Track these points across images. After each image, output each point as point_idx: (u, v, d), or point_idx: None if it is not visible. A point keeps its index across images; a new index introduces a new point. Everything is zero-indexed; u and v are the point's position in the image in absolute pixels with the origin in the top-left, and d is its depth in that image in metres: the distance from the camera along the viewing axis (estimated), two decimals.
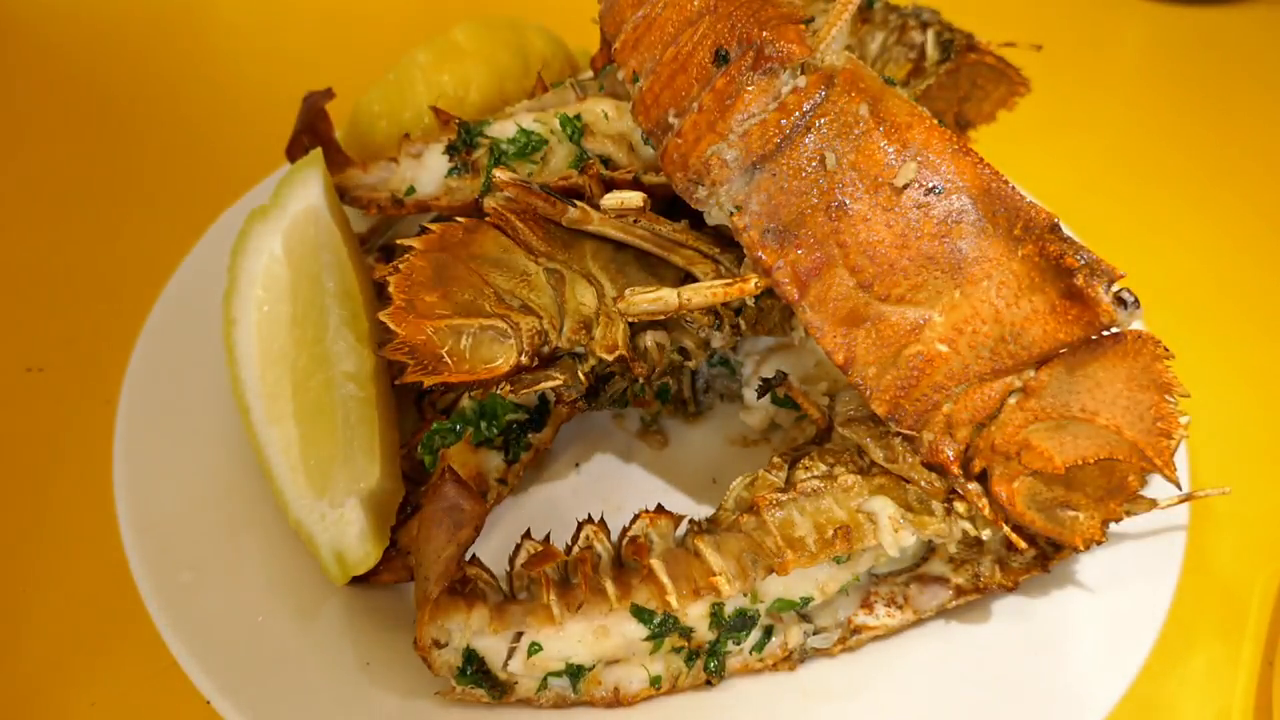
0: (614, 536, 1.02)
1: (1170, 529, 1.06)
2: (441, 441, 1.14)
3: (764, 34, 0.92)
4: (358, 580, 1.04)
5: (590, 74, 1.25)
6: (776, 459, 1.02)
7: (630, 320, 0.99)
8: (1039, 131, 1.72)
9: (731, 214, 0.95)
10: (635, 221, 1.01)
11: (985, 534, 0.96)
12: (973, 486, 0.94)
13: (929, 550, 1.05)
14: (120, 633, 1.13)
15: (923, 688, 1.00)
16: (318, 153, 1.18)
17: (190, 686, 0.94)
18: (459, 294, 0.93)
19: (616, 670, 0.99)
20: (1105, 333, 0.86)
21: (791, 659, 1.02)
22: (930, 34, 1.27)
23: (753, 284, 0.95)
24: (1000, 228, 0.88)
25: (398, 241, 1.02)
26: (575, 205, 0.98)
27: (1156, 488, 0.99)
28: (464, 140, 1.17)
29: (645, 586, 0.97)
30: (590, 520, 1.02)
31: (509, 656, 0.96)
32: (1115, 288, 0.84)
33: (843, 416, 1.03)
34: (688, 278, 1.03)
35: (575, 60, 1.49)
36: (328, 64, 2.05)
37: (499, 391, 0.94)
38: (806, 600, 1.01)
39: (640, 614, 0.96)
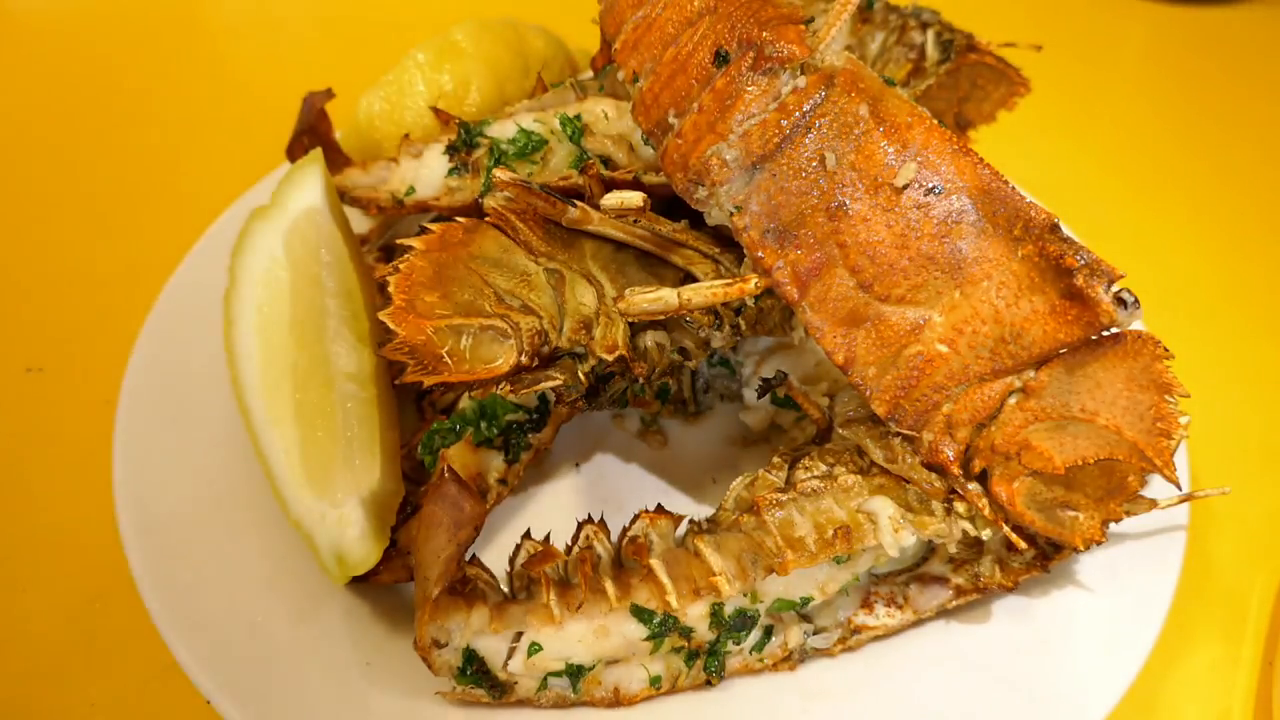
0: (614, 536, 1.02)
1: (1170, 529, 1.06)
2: (441, 441, 1.14)
3: (764, 34, 0.92)
4: (358, 580, 1.04)
5: (590, 74, 1.25)
6: (776, 459, 1.02)
7: (630, 320, 0.99)
8: (1039, 131, 1.72)
9: (731, 214, 0.95)
10: (635, 221, 1.01)
11: (985, 534, 0.96)
12: (973, 486, 0.94)
13: (929, 550, 1.05)
14: (120, 633, 1.13)
15: (923, 688, 1.00)
16: (318, 153, 1.18)
17: (190, 686, 0.94)
18: (459, 294, 0.93)
19: (616, 670, 0.99)
20: (1105, 333, 0.86)
21: (791, 659, 1.02)
22: (930, 34, 1.27)
23: (753, 284, 0.95)
24: (1000, 228, 0.88)
25: (398, 241, 1.02)
26: (575, 205, 0.98)
27: (1156, 488, 0.99)
28: (464, 140, 1.17)
29: (645, 586, 0.97)
30: (590, 520, 1.02)
31: (509, 656, 0.96)
32: (1115, 288, 0.84)
33: (843, 416, 1.03)
34: (688, 278, 1.03)
35: (575, 60, 1.49)
36: (328, 64, 2.05)
37: (499, 391, 0.94)
38: (806, 600, 1.01)
39: (640, 614, 0.96)
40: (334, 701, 0.96)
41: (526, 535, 1.01)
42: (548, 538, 1.01)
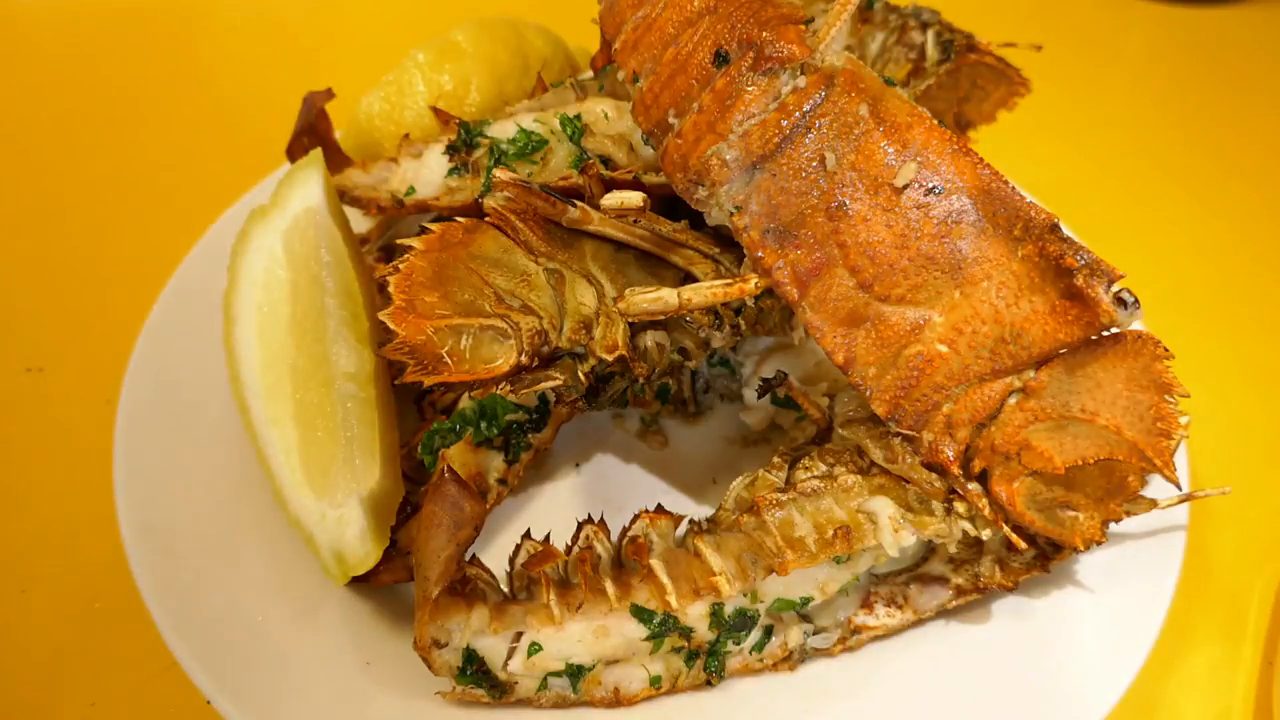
0: (614, 536, 1.02)
1: (1170, 529, 1.06)
2: (441, 441, 1.14)
3: (764, 34, 0.92)
4: (358, 580, 1.04)
5: (590, 74, 1.25)
6: (776, 459, 1.02)
7: (630, 320, 0.99)
8: (1039, 131, 1.72)
9: (731, 214, 0.95)
10: (635, 221, 1.01)
11: (985, 534, 0.96)
12: (973, 486, 0.94)
13: (929, 550, 1.05)
14: (120, 633, 1.13)
15: (923, 688, 1.00)
16: (318, 153, 1.18)
17: (190, 686, 0.94)
18: (459, 294, 0.93)
19: (616, 670, 0.99)
20: (1105, 333, 0.86)
21: (791, 659, 1.02)
22: (930, 34, 1.27)
23: (753, 284, 0.95)
24: (1000, 228, 0.88)
25: (398, 241, 1.02)
26: (575, 205, 0.98)
27: (1156, 488, 0.99)
28: (464, 140, 1.17)
29: (645, 586, 0.97)
30: (590, 520, 1.02)
31: (509, 656, 0.96)
32: (1115, 288, 0.84)
33: (843, 416, 1.03)
34: (688, 278, 1.03)
35: (575, 60, 1.49)
36: (328, 64, 2.05)
37: (499, 391, 0.94)
38: (806, 600, 1.01)
39: (640, 614, 0.96)
40: (334, 701, 0.96)
41: (526, 535, 1.01)
42: (548, 538, 1.01)
